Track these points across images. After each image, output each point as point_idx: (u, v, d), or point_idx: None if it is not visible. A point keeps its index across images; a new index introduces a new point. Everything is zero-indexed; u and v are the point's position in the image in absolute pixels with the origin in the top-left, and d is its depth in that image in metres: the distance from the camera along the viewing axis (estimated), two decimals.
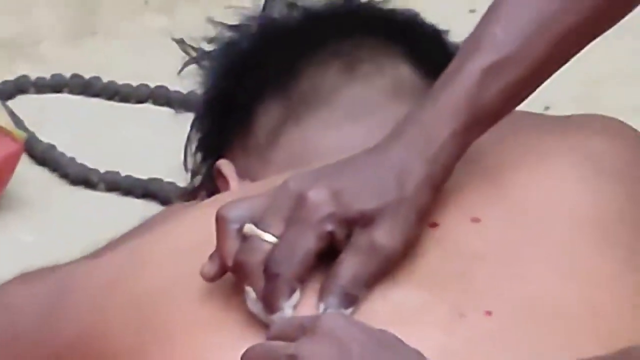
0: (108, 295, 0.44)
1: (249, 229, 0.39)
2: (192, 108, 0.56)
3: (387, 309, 0.39)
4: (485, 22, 0.42)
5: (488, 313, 0.38)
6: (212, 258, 0.38)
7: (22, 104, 0.68)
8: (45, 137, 0.67)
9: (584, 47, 0.44)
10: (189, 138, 0.55)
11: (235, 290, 0.38)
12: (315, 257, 0.38)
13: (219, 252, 0.38)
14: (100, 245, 0.50)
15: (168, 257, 0.43)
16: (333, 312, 0.37)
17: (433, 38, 0.54)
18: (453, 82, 0.40)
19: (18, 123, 0.65)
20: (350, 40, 0.53)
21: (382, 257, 0.39)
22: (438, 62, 0.48)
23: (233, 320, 0.39)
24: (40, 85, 0.71)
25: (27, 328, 0.48)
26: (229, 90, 0.53)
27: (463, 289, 0.40)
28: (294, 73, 0.52)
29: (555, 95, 0.43)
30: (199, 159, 0.55)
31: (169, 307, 0.41)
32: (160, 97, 0.70)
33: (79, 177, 0.68)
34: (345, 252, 0.38)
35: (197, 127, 0.55)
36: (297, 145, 0.51)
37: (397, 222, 0.39)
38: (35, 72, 0.69)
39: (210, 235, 0.39)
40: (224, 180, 0.50)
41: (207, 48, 0.54)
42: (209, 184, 0.52)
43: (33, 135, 0.67)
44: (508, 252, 0.42)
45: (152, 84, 0.70)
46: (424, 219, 0.40)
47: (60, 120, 0.68)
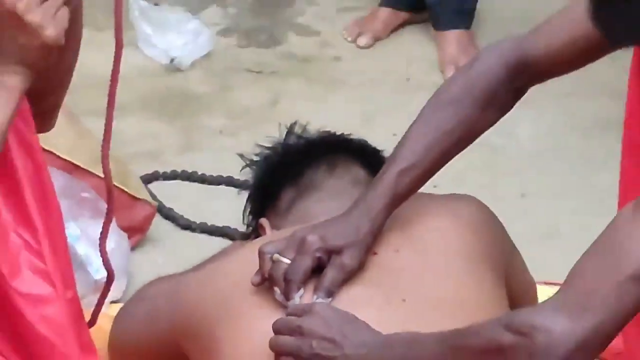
0: (204, 289, 0.71)
1: (276, 257, 0.66)
2: (248, 190, 0.93)
3: (349, 299, 0.64)
4: (402, 139, 0.69)
5: (404, 300, 0.65)
6: (256, 273, 0.66)
7: (155, 186, 1.14)
8: (168, 204, 1.12)
9: (462, 150, 0.72)
10: (246, 206, 0.89)
11: (269, 290, 0.66)
12: (311, 271, 0.65)
13: (260, 269, 0.66)
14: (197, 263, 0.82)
15: (236, 269, 0.70)
16: (321, 301, 0.64)
17: (374, 154, 0.87)
18: (382, 179, 0.68)
19: (153, 196, 1.10)
20: (331, 155, 0.85)
21: (347, 271, 0.65)
22: (376, 167, 0.76)
23: (269, 305, 0.66)
24: (165, 176, 1.18)
25: (160, 310, 0.77)
26: (266, 182, 0.86)
27: (391, 288, 0.66)
28: (301, 173, 0.83)
29: (440, 178, 0.76)
30: (250, 218, 0.88)
31: (238, 296, 0.68)
32: (231, 182, 1.14)
33: (186, 225, 1.12)
34: (328, 268, 0.65)
35: (250, 200, 0.88)
36: (301, 212, 0.80)
37: (355, 252, 0.66)
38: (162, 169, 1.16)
39: (256, 260, 0.66)
40: (263, 230, 0.81)
41: (255, 159, 0.90)
42: (256, 232, 0.85)
43: (161, 203, 1.12)
44: (415, 268, 0.69)
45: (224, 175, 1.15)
46: (369, 250, 0.67)
47: (176, 194, 1.12)
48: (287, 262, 0.67)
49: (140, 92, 1.35)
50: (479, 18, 1.60)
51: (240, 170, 0.94)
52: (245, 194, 0.92)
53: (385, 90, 1.48)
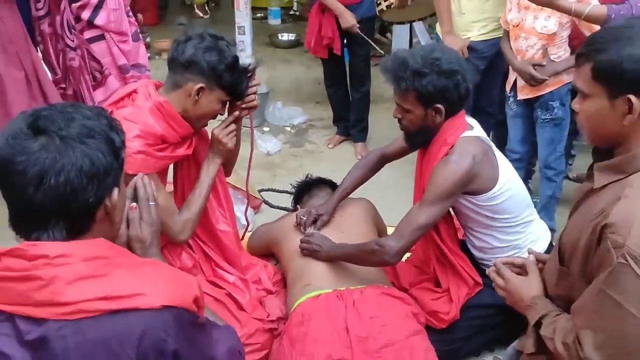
0: (277, 227, 2.33)
1: (300, 216, 2.19)
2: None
3: (324, 232, 2.12)
4: (344, 178, 2.36)
5: (342, 232, 2.14)
6: (295, 221, 2.26)
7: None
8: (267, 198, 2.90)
9: (362, 184, 2.42)
10: (292, 200, 2.59)
11: (298, 228, 2.17)
12: (312, 222, 2.20)
13: (296, 220, 2.17)
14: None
15: (288, 221, 2.29)
16: (315, 231, 2.17)
17: (333, 184, 2.50)
18: (336, 192, 2.28)
19: (261, 197, 2.89)
20: (320, 184, 2.53)
21: (324, 222, 2.17)
22: (334, 188, 2.43)
23: (298, 233, 2.18)
24: (269, 189, 2.94)
25: (263, 234, 2.39)
26: (299, 193, 2.55)
27: (338, 228, 2.15)
28: (310, 190, 2.51)
29: (385, 192, 2.47)
30: (294, 204, 2.54)
31: (288, 230, 2.23)
32: (288, 192, 2.85)
33: (273, 206, 2.87)
34: (318, 221, 2.15)
35: (294, 198, 2.56)
36: (310, 203, 2.39)
37: (327, 216, 2.18)
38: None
39: (294, 218, 2.27)
40: (297, 209, 2.47)
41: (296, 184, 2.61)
42: (295, 209, 2.50)
43: (268, 202, 2.90)
44: (347, 222, 2.21)
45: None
46: (332, 216, 2.37)
47: (269, 197, 2.90)
48: (304, 218, 2.23)
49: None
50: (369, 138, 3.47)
51: (291, 188, 2.67)
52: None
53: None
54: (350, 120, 3.66)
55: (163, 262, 1.13)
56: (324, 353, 1.69)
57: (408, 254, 2.18)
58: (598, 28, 2.13)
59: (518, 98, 2.53)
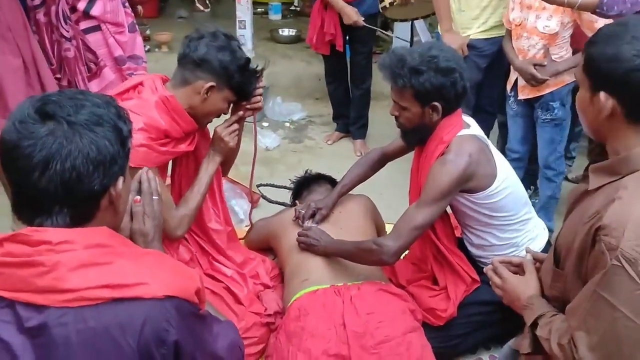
0: (276, 222, 2.33)
1: (299, 210, 2.20)
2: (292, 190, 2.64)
3: (323, 226, 2.13)
4: (344, 175, 2.38)
5: (341, 228, 2.20)
6: (294, 215, 2.29)
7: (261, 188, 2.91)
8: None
9: (363, 182, 2.42)
10: (291, 195, 2.57)
11: (297, 222, 2.20)
12: (311, 215, 2.19)
13: (295, 214, 2.19)
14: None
15: (287, 215, 2.31)
16: (313, 225, 2.19)
17: (333, 180, 2.50)
18: (336, 188, 2.28)
19: (260, 192, 2.89)
20: (319, 179, 2.52)
21: (323, 216, 2.18)
22: (334, 184, 2.43)
23: (296, 227, 2.20)
24: (267, 184, 2.94)
25: (261, 229, 2.36)
26: (298, 188, 2.53)
27: (337, 224, 2.19)
28: (309, 185, 2.49)
29: (384, 190, 2.48)
30: (292, 199, 2.53)
31: (287, 224, 2.21)
32: (288, 188, 2.83)
33: (271, 201, 2.88)
34: (316, 215, 2.18)
35: (292, 193, 2.55)
36: (309, 198, 2.37)
37: (326, 211, 2.21)
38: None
39: (293, 213, 2.31)
40: (296, 204, 2.43)
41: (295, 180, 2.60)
42: (294, 204, 2.47)
43: (266, 197, 2.91)
44: (345, 218, 2.23)
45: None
46: (330, 211, 2.32)
47: (268, 192, 2.90)
48: (303, 212, 2.22)
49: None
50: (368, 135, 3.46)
51: (290, 184, 2.67)
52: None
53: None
54: (350, 117, 3.66)
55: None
56: (321, 348, 1.69)
57: (406, 252, 2.18)
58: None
59: (519, 98, 2.53)
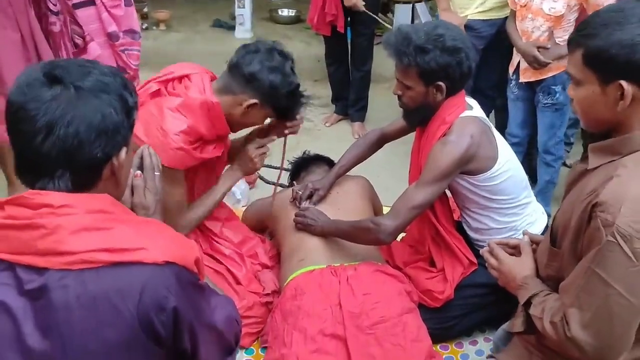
0: (268, 203, 2.36)
1: (296, 191, 2.19)
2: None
3: (320, 207, 2.11)
4: (342, 155, 2.37)
5: (339, 209, 2.11)
6: (291, 196, 2.32)
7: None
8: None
9: (360, 163, 2.42)
10: (289, 176, 2.55)
11: (294, 202, 2.20)
12: (308, 196, 2.16)
13: (292, 194, 2.20)
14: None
15: (285, 196, 2.28)
16: (311, 206, 2.14)
17: (330, 161, 2.46)
18: (333, 169, 2.25)
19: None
20: (317, 160, 2.49)
21: (320, 197, 2.15)
22: (332, 165, 2.41)
23: (294, 207, 2.17)
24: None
25: (258, 208, 2.36)
26: (296, 169, 2.50)
27: (334, 204, 2.16)
28: (307, 166, 2.47)
29: (381, 171, 2.46)
30: (290, 180, 2.52)
31: (284, 204, 2.20)
32: (287, 169, 2.80)
33: (267, 181, 2.85)
34: (314, 195, 2.15)
35: (290, 174, 2.52)
36: (307, 179, 2.33)
37: (323, 191, 2.20)
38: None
39: (290, 193, 2.36)
40: (293, 184, 2.46)
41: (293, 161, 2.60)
42: (292, 185, 2.47)
43: (263, 177, 2.87)
44: (343, 199, 2.21)
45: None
46: (328, 191, 2.34)
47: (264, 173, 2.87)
48: (301, 192, 2.21)
49: None
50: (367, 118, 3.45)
51: (287, 165, 2.64)
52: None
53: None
54: (349, 99, 3.62)
55: None
56: (317, 327, 1.69)
57: (403, 234, 2.17)
58: None
59: (520, 81, 2.51)
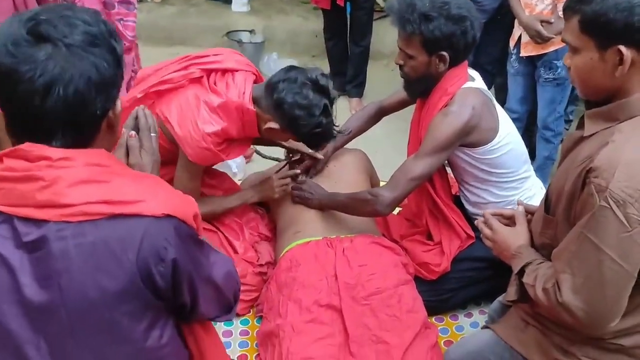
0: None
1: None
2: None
3: (317, 180, 2.16)
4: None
5: (336, 182, 2.08)
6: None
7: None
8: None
9: (360, 135, 2.39)
10: (285, 150, 2.56)
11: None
12: (306, 170, 2.18)
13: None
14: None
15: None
16: (308, 179, 2.19)
17: None
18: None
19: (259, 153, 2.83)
20: None
21: (318, 170, 2.17)
22: None
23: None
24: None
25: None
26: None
27: (331, 177, 2.13)
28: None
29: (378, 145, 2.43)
30: (286, 154, 2.55)
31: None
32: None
33: (263, 155, 2.82)
34: (311, 169, 2.15)
35: (286, 149, 2.57)
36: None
37: (320, 165, 2.19)
38: None
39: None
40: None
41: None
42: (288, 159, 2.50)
43: (260, 152, 2.85)
44: (340, 171, 2.17)
45: None
46: (325, 164, 2.23)
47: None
48: (298, 172, 2.25)
49: None
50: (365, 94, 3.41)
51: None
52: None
53: None
54: (348, 75, 3.58)
55: None
56: (312, 298, 1.68)
57: (399, 208, 2.15)
58: None
59: (521, 55, 2.47)
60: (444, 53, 1.73)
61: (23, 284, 0.81)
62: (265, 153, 2.94)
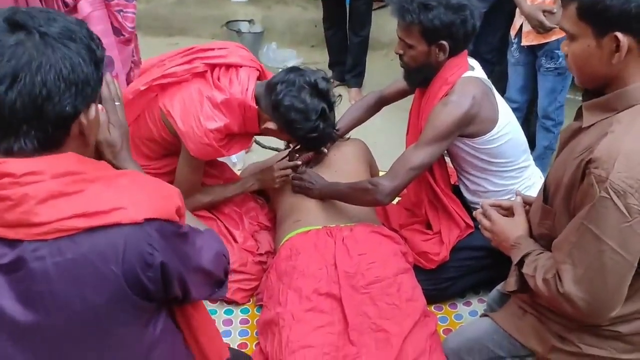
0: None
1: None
2: None
3: (317, 169, 2.10)
4: (342, 116, 2.38)
5: (336, 171, 2.10)
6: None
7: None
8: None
9: (359, 125, 2.38)
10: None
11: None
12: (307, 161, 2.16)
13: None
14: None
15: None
16: (308, 169, 2.24)
17: None
18: None
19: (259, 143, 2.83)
20: None
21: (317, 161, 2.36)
22: None
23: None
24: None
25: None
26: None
27: (331, 167, 2.12)
28: None
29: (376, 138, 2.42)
30: (286, 144, 2.53)
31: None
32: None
33: (263, 146, 2.82)
34: (312, 160, 2.19)
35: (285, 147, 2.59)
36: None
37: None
38: None
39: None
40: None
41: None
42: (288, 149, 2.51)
43: (259, 142, 2.84)
44: (340, 161, 2.17)
45: None
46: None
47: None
48: (299, 163, 2.25)
49: None
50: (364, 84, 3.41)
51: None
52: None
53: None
54: (347, 65, 3.57)
55: (138, 170, 1.07)
56: (312, 287, 1.69)
57: (398, 198, 2.16)
58: None
59: (522, 44, 2.46)
60: (444, 42, 1.72)
61: (4, 307, 0.77)
62: (265, 143, 2.94)
